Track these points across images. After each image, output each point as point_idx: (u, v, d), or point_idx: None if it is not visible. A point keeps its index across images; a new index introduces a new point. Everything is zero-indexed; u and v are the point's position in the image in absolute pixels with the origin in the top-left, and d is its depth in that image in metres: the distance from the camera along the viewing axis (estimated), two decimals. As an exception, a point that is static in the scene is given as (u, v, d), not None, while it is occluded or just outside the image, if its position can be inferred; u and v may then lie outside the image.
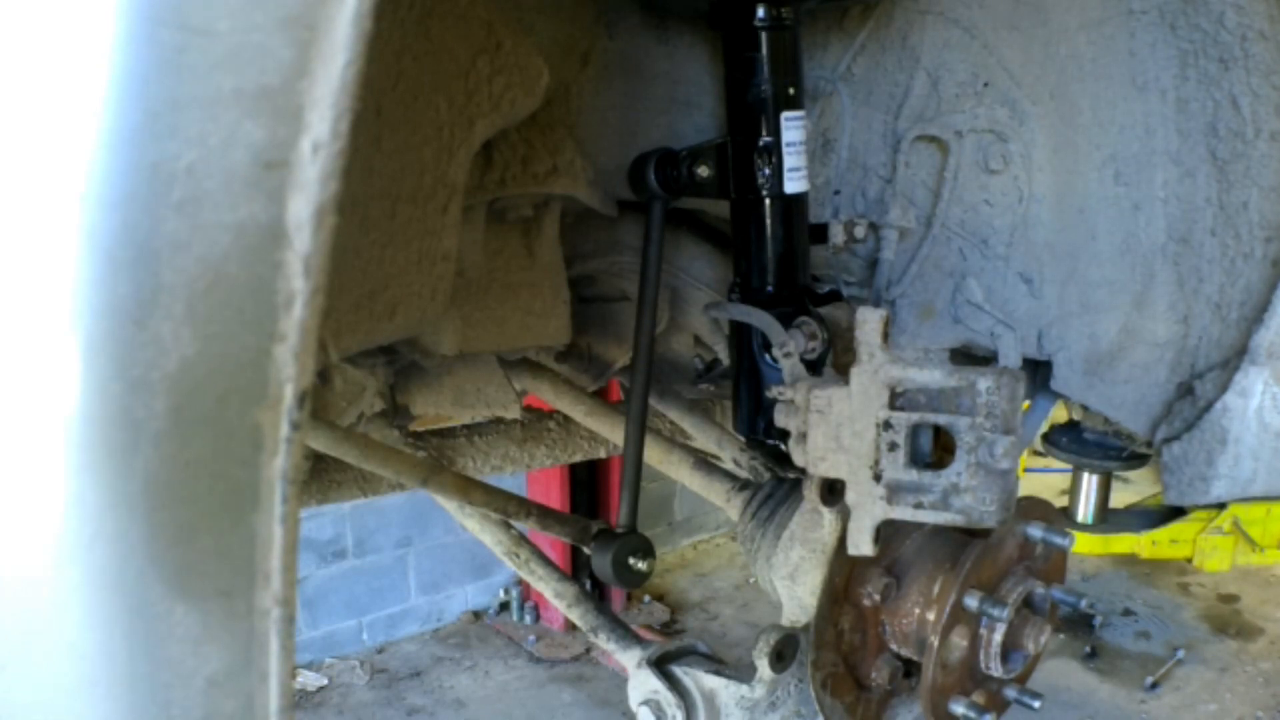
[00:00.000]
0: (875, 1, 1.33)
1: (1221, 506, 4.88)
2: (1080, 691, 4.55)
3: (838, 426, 1.10)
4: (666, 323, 1.55)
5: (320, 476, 1.74)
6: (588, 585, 4.25)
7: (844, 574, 1.23)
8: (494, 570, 5.33)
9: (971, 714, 1.25)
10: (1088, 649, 4.88)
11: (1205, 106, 1.43)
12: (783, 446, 1.19)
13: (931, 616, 1.23)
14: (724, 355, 1.43)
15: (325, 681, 4.78)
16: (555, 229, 1.38)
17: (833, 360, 1.27)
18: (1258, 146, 1.42)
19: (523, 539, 1.58)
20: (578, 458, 2.07)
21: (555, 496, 4.79)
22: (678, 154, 1.28)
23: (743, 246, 1.29)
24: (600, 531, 1.40)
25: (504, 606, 5.36)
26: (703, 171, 1.26)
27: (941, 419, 1.05)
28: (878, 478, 1.07)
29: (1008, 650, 1.26)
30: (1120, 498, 4.39)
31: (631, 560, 1.38)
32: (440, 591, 5.29)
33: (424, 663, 4.97)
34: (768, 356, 1.26)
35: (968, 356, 1.58)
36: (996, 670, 1.25)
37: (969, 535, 1.25)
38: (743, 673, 1.28)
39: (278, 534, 0.48)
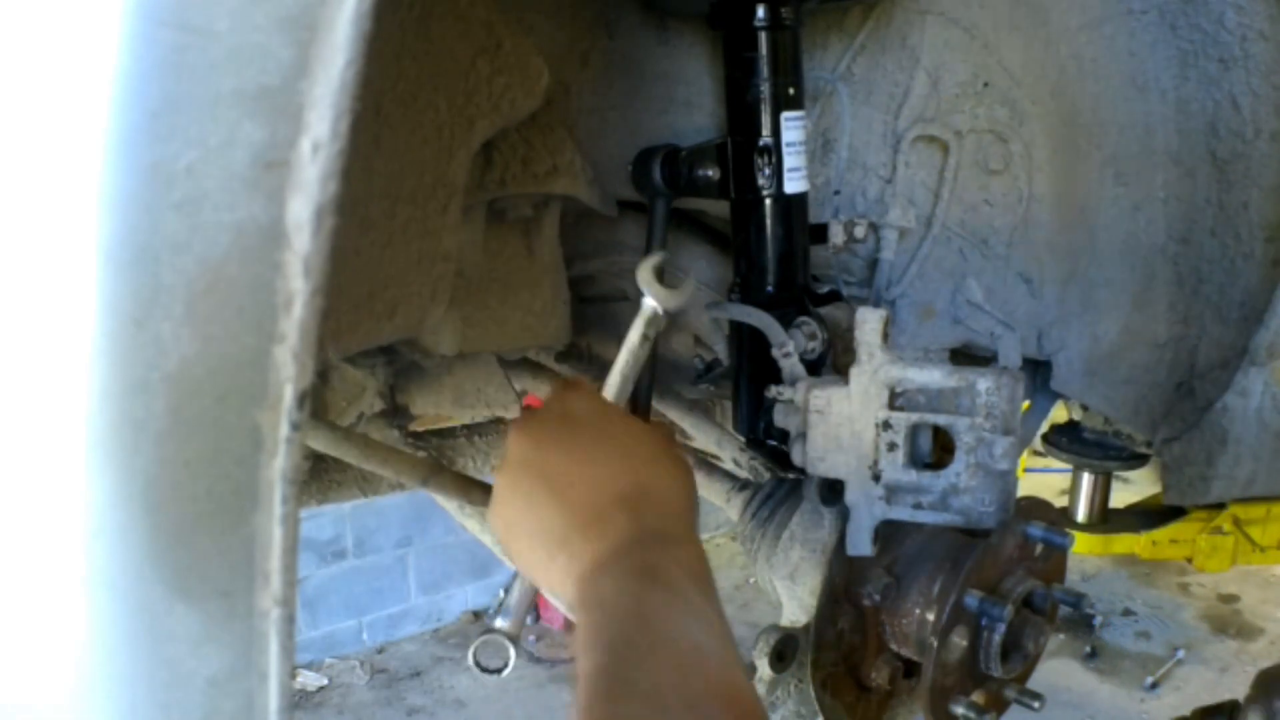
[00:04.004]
0: (875, 1, 1.33)
1: (1221, 506, 4.87)
2: (1080, 691, 4.55)
3: (837, 426, 1.10)
4: (666, 323, 1.54)
5: (320, 476, 1.74)
6: (588, 585, 4.24)
7: (844, 574, 1.23)
8: (494, 570, 5.32)
9: (971, 714, 1.25)
10: (1088, 649, 4.87)
11: (1205, 106, 1.43)
12: (783, 446, 1.19)
13: (931, 616, 1.23)
14: (724, 355, 1.42)
15: (325, 681, 4.78)
16: (555, 229, 1.37)
17: (833, 360, 1.27)
18: (1258, 146, 1.42)
19: (523, 539, 1.58)
20: (578, 458, 2.06)
21: (555, 496, 4.78)
22: (679, 152, 1.28)
23: (743, 247, 1.28)
24: (600, 531, 1.40)
25: (504, 606, 5.35)
26: (702, 171, 1.26)
27: (941, 419, 1.05)
28: (877, 478, 1.08)
29: (1008, 650, 1.26)
30: (1120, 498, 4.39)
31: (631, 560, 1.37)
32: (440, 591, 5.29)
33: (424, 663, 4.97)
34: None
35: (968, 356, 1.58)
36: (996, 670, 1.25)
37: (969, 535, 1.25)
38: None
39: (278, 534, 0.48)
